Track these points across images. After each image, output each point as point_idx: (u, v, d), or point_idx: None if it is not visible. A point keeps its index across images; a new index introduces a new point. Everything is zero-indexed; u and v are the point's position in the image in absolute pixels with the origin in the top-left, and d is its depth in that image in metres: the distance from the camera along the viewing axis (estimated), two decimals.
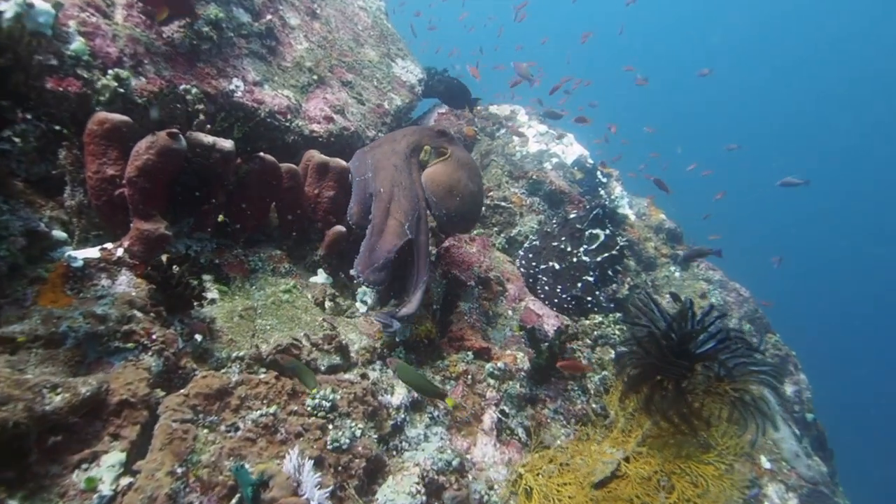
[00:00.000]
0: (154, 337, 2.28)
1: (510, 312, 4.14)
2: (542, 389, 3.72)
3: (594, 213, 4.76)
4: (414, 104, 5.02)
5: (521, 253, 4.87)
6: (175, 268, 2.40)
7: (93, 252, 2.41)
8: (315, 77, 3.97)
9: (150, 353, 2.25)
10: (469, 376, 3.41)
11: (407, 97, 4.82)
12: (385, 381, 3.00)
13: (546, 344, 3.87)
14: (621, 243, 4.87)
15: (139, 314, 2.32)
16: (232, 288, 2.79)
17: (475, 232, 4.75)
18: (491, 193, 5.05)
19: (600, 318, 4.54)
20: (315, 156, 3.27)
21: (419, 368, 3.30)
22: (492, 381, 3.45)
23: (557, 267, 4.61)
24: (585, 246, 4.72)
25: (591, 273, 4.62)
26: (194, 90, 3.07)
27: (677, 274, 6.09)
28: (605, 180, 5.99)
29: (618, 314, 4.59)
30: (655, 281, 5.96)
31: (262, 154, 2.99)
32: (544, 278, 4.56)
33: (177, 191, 2.65)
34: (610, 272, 4.80)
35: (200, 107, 3.03)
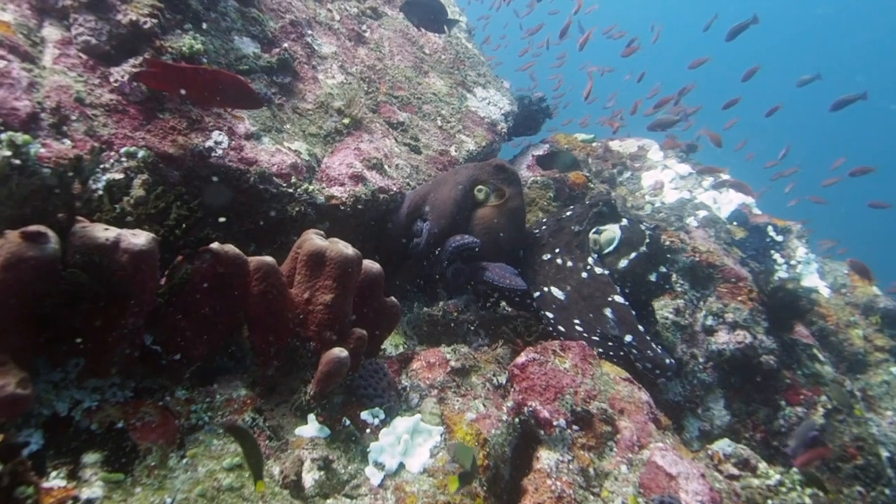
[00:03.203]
0: None
1: (624, 469, 2.62)
2: None
3: (595, 209, 3.12)
4: (496, 146, 3.77)
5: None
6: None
7: None
8: (346, 121, 2.91)
9: None
10: None
11: (484, 139, 3.58)
12: None
13: None
14: (649, 232, 3.13)
15: None
16: (136, 472, 1.73)
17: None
18: None
19: (777, 476, 2.82)
20: (307, 241, 2.17)
21: None
22: None
23: (561, 296, 3.02)
24: (595, 255, 3.08)
25: (621, 292, 2.98)
26: (142, 153, 2.15)
27: None
28: (780, 239, 4.13)
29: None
30: (868, 390, 3.91)
31: (214, 246, 1.95)
32: (550, 314, 3.05)
33: (52, 317, 1.69)
34: (653, 278, 3.08)
35: (142, 177, 2.10)
